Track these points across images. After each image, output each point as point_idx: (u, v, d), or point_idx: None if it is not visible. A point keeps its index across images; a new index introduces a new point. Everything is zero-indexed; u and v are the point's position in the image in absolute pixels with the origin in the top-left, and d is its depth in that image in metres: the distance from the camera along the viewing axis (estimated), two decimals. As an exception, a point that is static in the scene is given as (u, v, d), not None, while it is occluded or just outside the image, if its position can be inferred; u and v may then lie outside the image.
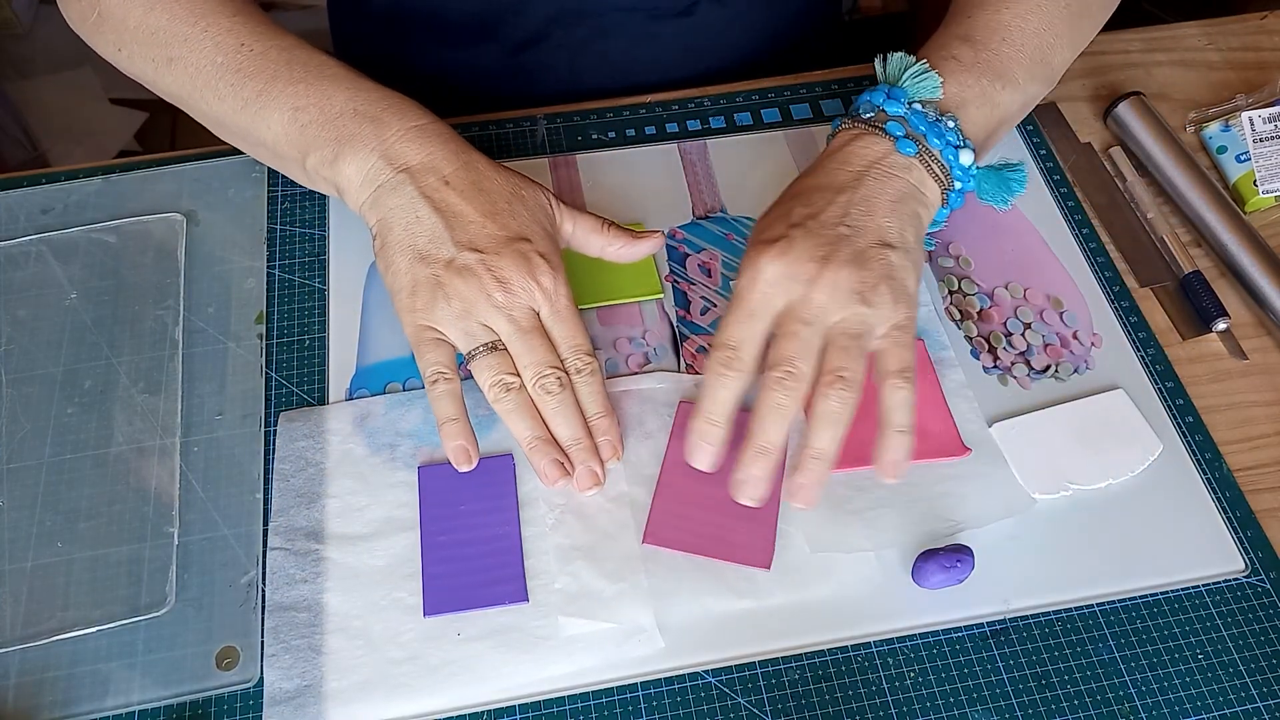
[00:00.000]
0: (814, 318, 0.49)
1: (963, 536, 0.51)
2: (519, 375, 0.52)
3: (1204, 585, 0.51)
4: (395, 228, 0.53)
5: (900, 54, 0.56)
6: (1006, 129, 0.59)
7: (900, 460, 0.49)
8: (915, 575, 0.50)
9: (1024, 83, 0.57)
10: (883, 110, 0.54)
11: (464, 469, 0.52)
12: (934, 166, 0.53)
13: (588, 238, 0.57)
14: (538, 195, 0.55)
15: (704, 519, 0.52)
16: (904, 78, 0.55)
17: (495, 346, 0.52)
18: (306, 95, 0.54)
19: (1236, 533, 0.52)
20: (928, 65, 0.55)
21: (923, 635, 0.49)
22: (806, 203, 0.52)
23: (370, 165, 0.53)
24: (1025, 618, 0.50)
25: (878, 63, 0.57)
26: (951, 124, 0.54)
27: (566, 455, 0.52)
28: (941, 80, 0.55)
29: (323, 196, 0.65)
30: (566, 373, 0.52)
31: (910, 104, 0.54)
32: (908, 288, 0.50)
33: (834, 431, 0.48)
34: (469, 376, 0.54)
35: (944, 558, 0.49)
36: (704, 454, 0.50)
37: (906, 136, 0.53)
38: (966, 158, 0.54)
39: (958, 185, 0.54)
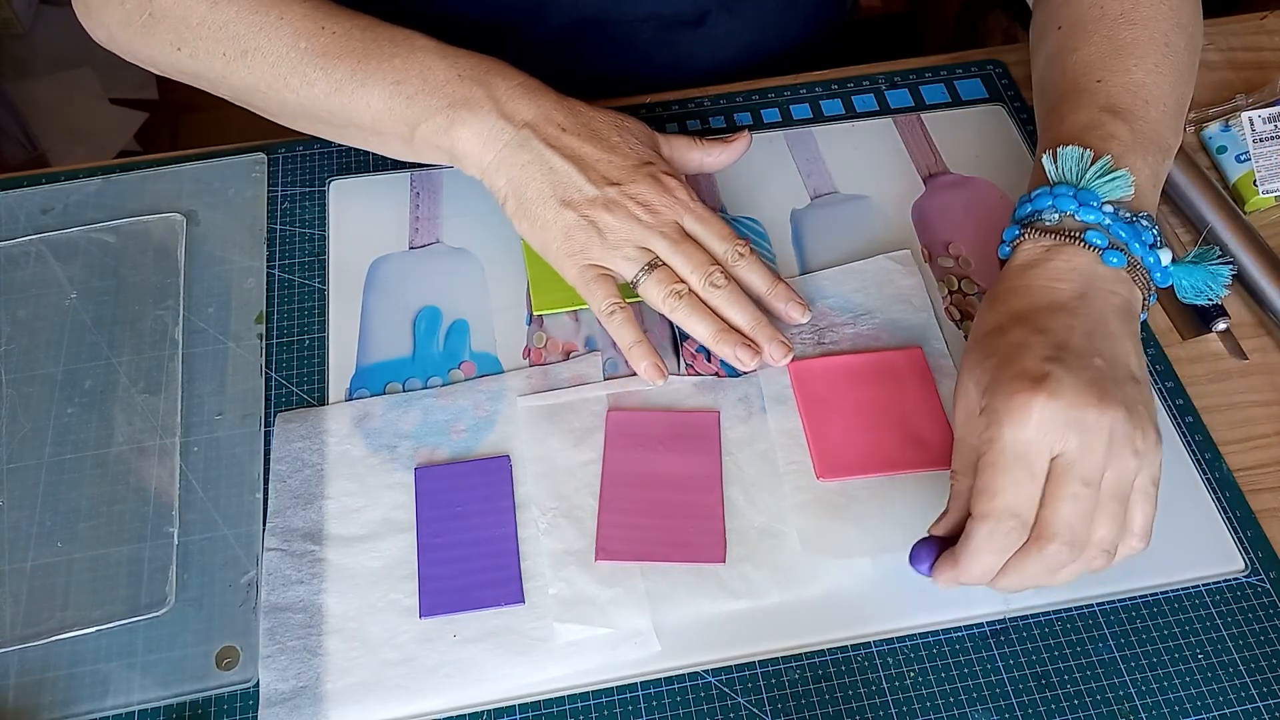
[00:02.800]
0: (1093, 476, 0.43)
1: None
2: (684, 282, 0.54)
3: (1204, 585, 0.51)
4: (531, 183, 0.55)
5: (1070, 148, 0.51)
6: None
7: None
8: (913, 559, 0.49)
9: (1174, 146, 0.55)
10: (1073, 216, 0.49)
11: (659, 383, 0.55)
12: (1138, 274, 0.49)
13: (686, 155, 0.60)
14: (637, 123, 0.59)
15: (651, 524, 0.52)
16: (1089, 177, 0.50)
17: (654, 264, 0.55)
18: (404, 69, 0.55)
19: (1236, 533, 0.52)
20: (1111, 162, 0.50)
21: (923, 635, 0.49)
22: (1040, 329, 0.46)
23: (489, 126, 0.55)
24: (1025, 618, 0.50)
25: (1047, 161, 0.52)
26: (1146, 223, 0.49)
27: (752, 339, 0.55)
28: (1132, 177, 0.50)
29: (322, 196, 0.65)
30: (727, 267, 0.55)
31: (1101, 206, 0.49)
32: (1157, 430, 0.45)
33: (1068, 585, 0.46)
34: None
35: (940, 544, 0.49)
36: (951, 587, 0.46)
37: (1111, 247, 0.48)
38: (1166, 257, 0.49)
39: (1155, 290, 0.50)
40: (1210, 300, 0.52)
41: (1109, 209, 0.49)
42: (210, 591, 0.51)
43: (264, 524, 0.52)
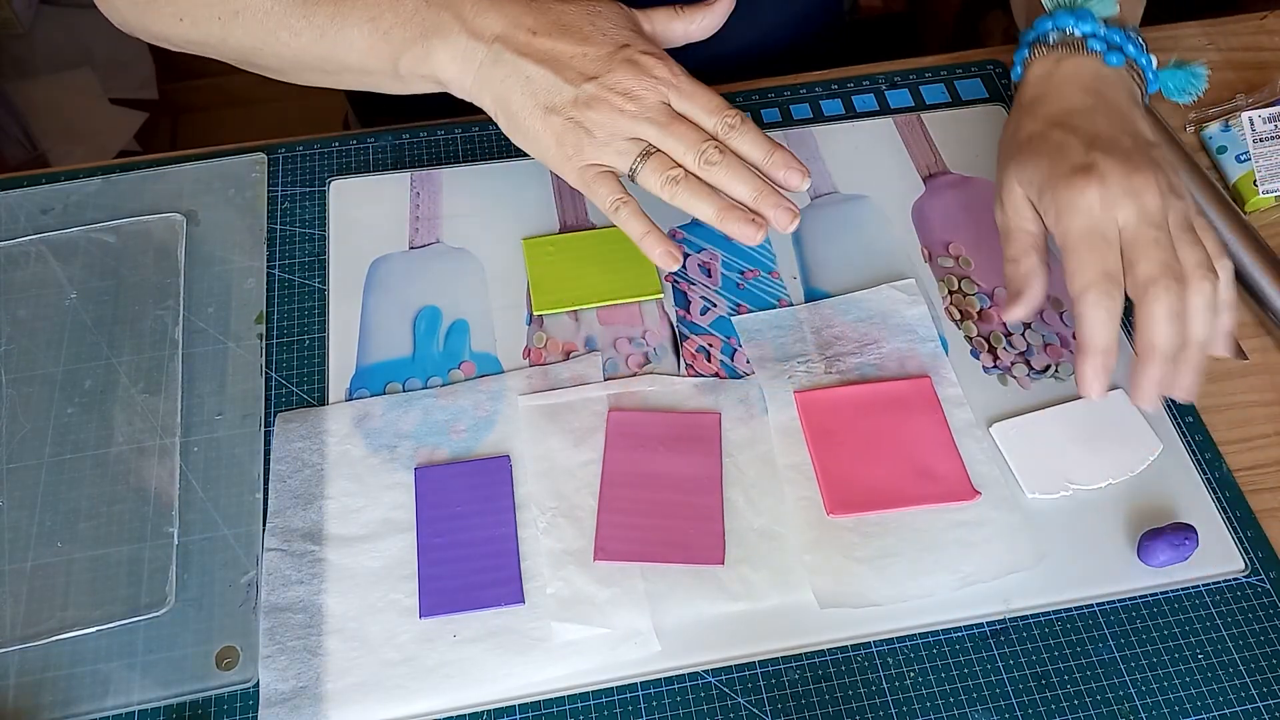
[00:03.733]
0: (1159, 219, 0.50)
1: (1187, 516, 0.52)
2: (680, 165, 0.53)
3: (1204, 585, 0.51)
4: (513, 97, 0.54)
5: None
6: None
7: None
8: (1142, 554, 0.50)
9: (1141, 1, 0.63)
10: (1074, 31, 0.57)
11: (673, 268, 0.54)
12: (1134, 72, 0.57)
13: (668, 27, 0.58)
14: (611, 4, 0.57)
15: (650, 525, 0.52)
16: (1080, 0, 0.57)
17: (648, 153, 0.53)
18: (377, 5, 0.56)
19: (1236, 533, 0.52)
20: None
21: (923, 635, 0.49)
22: (1070, 129, 0.53)
23: (462, 47, 0.55)
24: (1025, 618, 0.50)
25: None
26: (1134, 33, 0.57)
27: (756, 212, 0.53)
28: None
29: (322, 196, 0.65)
30: (720, 140, 0.53)
31: (1096, 19, 0.57)
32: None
33: (1211, 318, 0.49)
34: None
35: (1171, 536, 0.49)
36: (1099, 384, 0.50)
37: (1109, 49, 0.56)
38: (1155, 61, 0.58)
39: (1148, 89, 0.59)
40: (1192, 97, 0.61)
41: (1102, 23, 0.57)
42: (210, 591, 0.51)
43: (264, 524, 0.52)
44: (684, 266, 0.62)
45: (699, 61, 0.77)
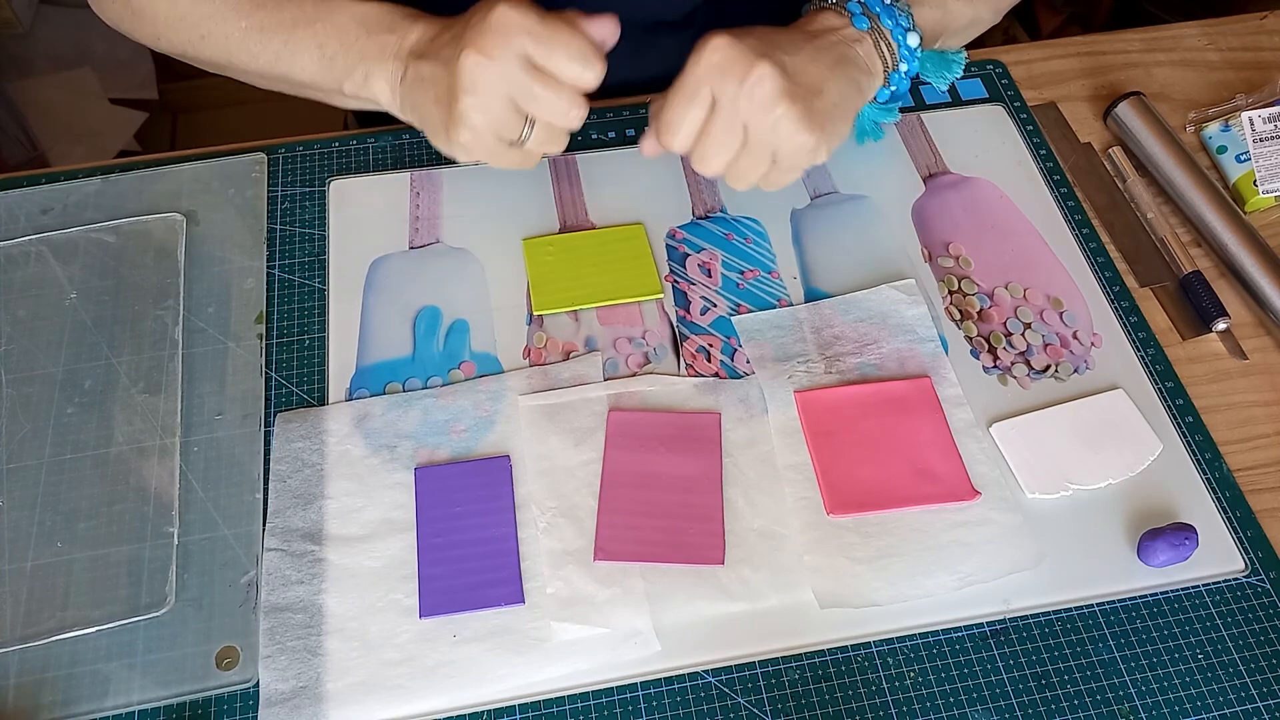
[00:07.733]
0: (734, 124, 0.53)
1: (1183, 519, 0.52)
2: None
3: (1204, 585, 0.51)
4: (422, 105, 0.55)
5: None
6: (953, 40, 0.65)
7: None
8: (1142, 554, 0.50)
9: (956, 12, 0.63)
10: None
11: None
12: (882, 44, 0.58)
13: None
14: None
15: (650, 525, 0.52)
16: None
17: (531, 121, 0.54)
18: (325, 32, 0.59)
19: (1236, 533, 0.52)
20: None
21: (923, 635, 0.49)
22: (760, 36, 0.55)
23: (391, 70, 0.57)
24: (1025, 618, 0.50)
25: None
26: (904, 10, 0.59)
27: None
28: None
29: (322, 196, 0.65)
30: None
31: None
32: (823, 131, 0.54)
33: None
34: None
35: (1171, 536, 0.49)
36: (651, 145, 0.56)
37: (862, 14, 0.58)
38: (914, 40, 0.59)
39: (903, 66, 0.60)
40: (946, 80, 0.62)
41: None
42: (210, 591, 0.51)
43: (264, 524, 0.52)
44: (684, 266, 0.62)
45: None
